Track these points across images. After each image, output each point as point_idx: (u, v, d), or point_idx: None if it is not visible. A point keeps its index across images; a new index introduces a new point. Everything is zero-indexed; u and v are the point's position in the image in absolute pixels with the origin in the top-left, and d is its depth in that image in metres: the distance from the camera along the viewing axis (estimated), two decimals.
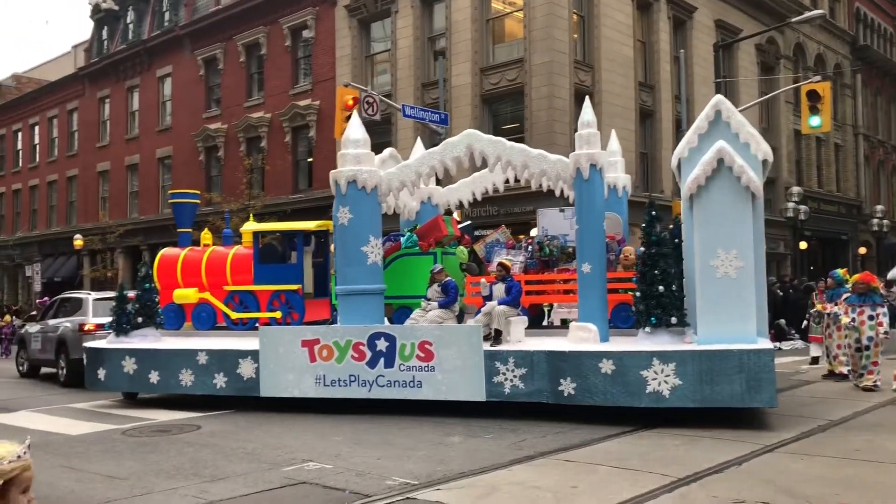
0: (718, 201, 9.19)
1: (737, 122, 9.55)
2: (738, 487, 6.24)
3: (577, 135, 10.48)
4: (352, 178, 10.71)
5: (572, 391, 9.32)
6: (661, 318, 9.40)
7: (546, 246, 12.00)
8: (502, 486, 6.46)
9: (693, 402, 8.83)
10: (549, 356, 9.49)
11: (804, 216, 30.92)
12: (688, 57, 27.56)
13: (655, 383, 8.91)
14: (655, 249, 9.55)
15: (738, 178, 9.10)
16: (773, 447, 7.78)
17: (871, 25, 44.38)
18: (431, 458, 7.61)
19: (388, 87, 27.70)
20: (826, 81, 22.20)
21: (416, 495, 6.24)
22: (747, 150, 9.44)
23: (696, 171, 9.24)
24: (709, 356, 8.80)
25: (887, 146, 44.89)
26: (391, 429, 9.18)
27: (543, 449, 7.89)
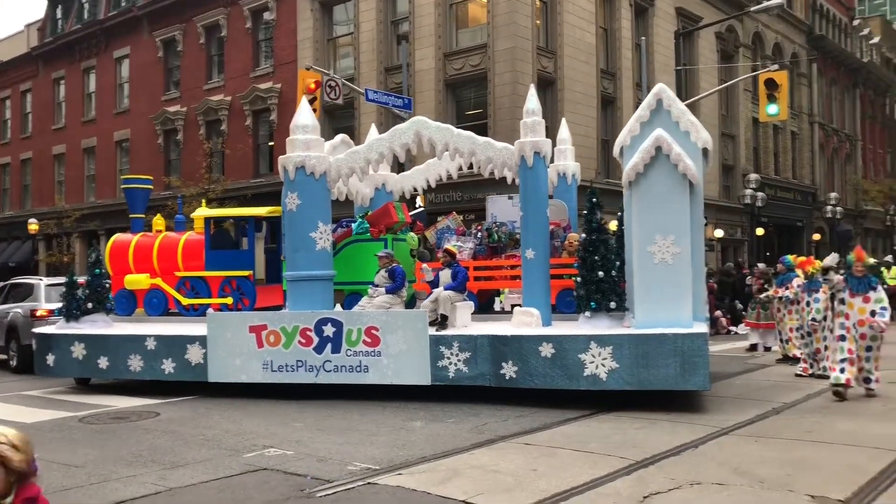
0: (656, 188, 9.32)
1: (678, 110, 9.68)
2: (695, 470, 6.38)
3: (522, 122, 10.59)
4: (300, 163, 10.65)
5: (514, 374, 9.44)
6: (601, 303, 9.58)
7: (495, 232, 12.12)
8: (463, 470, 6.51)
9: (629, 385, 9.00)
10: (491, 340, 9.61)
11: (761, 203, 31.49)
12: (649, 44, 27.83)
13: (593, 366, 9.06)
14: (596, 236, 9.71)
15: (675, 165, 9.22)
16: (728, 430, 7.95)
17: (827, 16, 45.18)
18: (393, 442, 7.63)
19: (350, 71, 27.49)
20: (783, 70, 22.58)
21: (377, 480, 6.26)
22: (687, 138, 9.58)
23: (635, 159, 9.37)
24: (645, 340, 8.96)
25: (841, 135, 45.86)
26: (353, 414, 9.19)
27: (504, 433, 7.96)
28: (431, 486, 6.05)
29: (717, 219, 33.21)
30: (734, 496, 5.66)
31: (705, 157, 9.99)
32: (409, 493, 5.92)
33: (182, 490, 6.16)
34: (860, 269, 9.47)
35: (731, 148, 35.25)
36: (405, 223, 12.77)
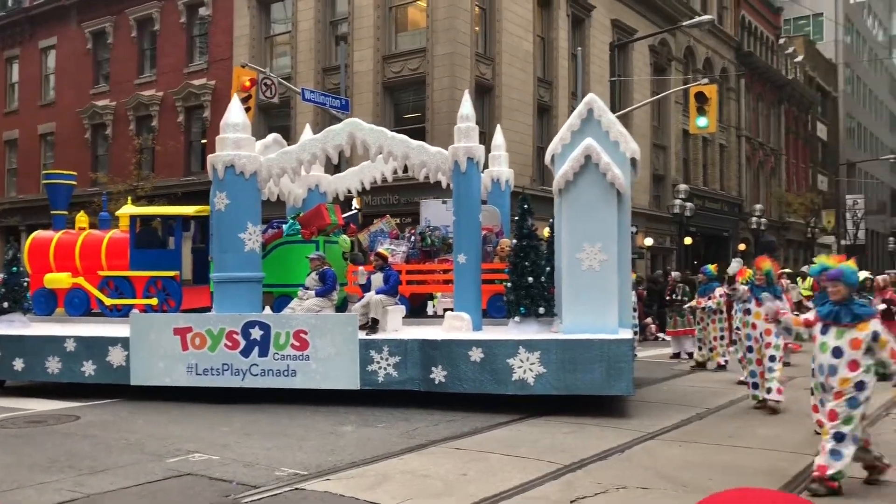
0: (585, 196, 9.50)
1: (607, 120, 9.88)
2: (621, 474, 6.48)
3: (456, 128, 10.65)
4: (230, 162, 10.46)
5: (443, 379, 9.47)
6: (530, 309, 9.71)
7: (428, 236, 12.15)
8: (393, 475, 6.47)
9: (556, 390, 9.11)
10: (422, 345, 9.62)
11: (690, 213, 32.33)
12: (585, 55, 28.30)
13: (521, 371, 9.15)
14: (526, 242, 9.84)
15: (604, 174, 9.41)
16: (654, 434, 8.11)
17: (756, 33, 46.76)
18: (323, 447, 7.54)
19: (287, 70, 27.18)
20: (713, 84, 23.25)
21: (304, 486, 6.17)
22: (616, 148, 9.79)
23: (565, 167, 9.54)
24: (571, 345, 9.11)
25: (766, 149, 47.48)
26: (282, 418, 9.04)
27: (435, 437, 7.95)
28: (360, 491, 5.99)
29: (648, 227, 33.96)
30: (658, 500, 5.77)
31: (634, 166, 10.21)
32: (337, 498, 5.85)
33: (100, 497, 5.95)
34: (760, 279, 9.67)
35: (661, 159, 36.11)
36: (337, 225, 12.67)
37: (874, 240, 64.91)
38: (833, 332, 5.95)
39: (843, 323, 5.91)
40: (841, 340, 5.90)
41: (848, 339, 5.88)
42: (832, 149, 59.16)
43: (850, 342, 5.87)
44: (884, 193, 70.99)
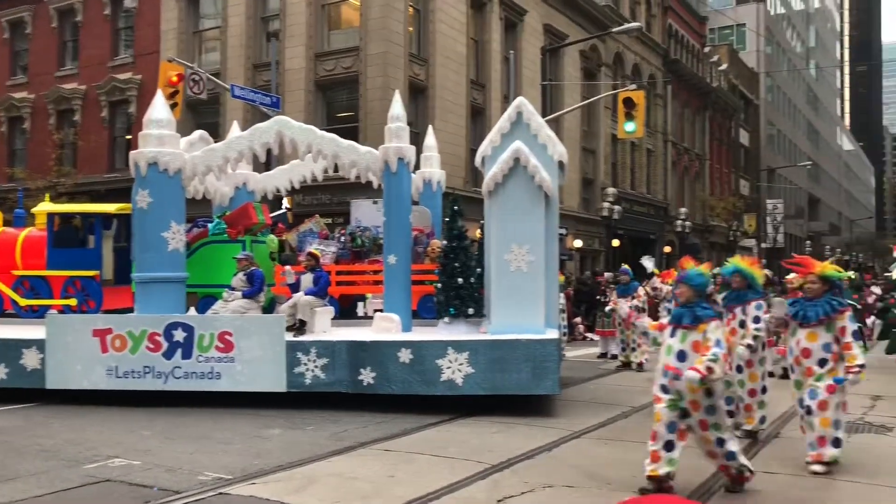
0: (514, 198, 9.60)
1: (536, 123, 10.02)
2: (548, 473, 6.56)
3: (386, 128, 10.63)
4: (153, 159, 10.20)
5: (371, 381, 9.44)
6: (460, 309, 9.77)
7: (358, 237, 12.08)
8: (320, 478, 6.40)
9: (483, 390, 9.18)
10: (350, 346, 9.56)
11: (617, 216, 33.02)
12: (517, 58, 28.56)
13: (449, 371, 9.20)
14: (457, 243, 9.91)
15: (532, 177, 9.53)
16: (580, 433, 8.24)
17: (682, 41, 48.09)
18: (248, 451, 7.40)
19: (217, 66, 26.63)
20: (641, 90, 23.78)
21: (229, 490, 6.04)
22: (545, 151, 9.93)
23: (494, 169, 9.64)
24: (499, 345, 9.20)
25: (691, 154, 48.87)
26: (207, 422, 8.83)
27: (364, 439, 7.89)
28: (286, 494, 5.90)
29: (577, 230, 34.53)
30: (583, 498, 5.86)
31: (561, 169, 10.35)
32: (262, 502, 5.75)
33: None
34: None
35: (591, 162, 36.77)
36: (265, 225, 12.45)
37: (793, 243, 67.51)
38: (678, 334, 5.84)
39: (685, 325, 5.80)
40: (685, 343, 5.78)
41: (690, 341, 5.76)
42: (754, 155, 61.29)
43: (692, 344, 5.75)
44: (801, 198, 73.93)
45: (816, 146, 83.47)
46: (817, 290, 6.71)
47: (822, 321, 6.60)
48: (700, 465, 6.73)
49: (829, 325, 6.58)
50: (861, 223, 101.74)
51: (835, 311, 6.58)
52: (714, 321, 5.79)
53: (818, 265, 6.88)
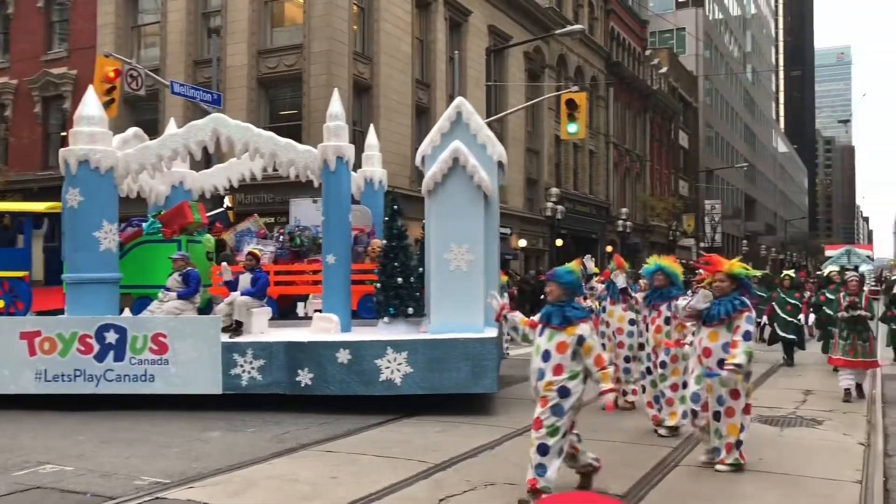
0: (453, 198, 9.65)
1: (476, 124, 10.08)
2: (490, 471, 6.59)
3: (325, 126, 10.58)
4: (84, 157, 9.93)
5: (309, 381, 9.38)
6: (399, 309, 9.77)
7: (297, 236, 11.98)
8: (260, 481, 6.32)
9: (422, 389, 9.20)
10: (287, 347, 9.48)
11: (561, 215, 33.38)
12: (462, 58, 28.69)
13: (388, 371, 9.19)
14: (396, 242, 9.91)
15: (471, 176, 9.58)
16: (522, 431, 8.26)
17: (624, 44, 48.92)
18: (187, 454, 7.26)
19: (156, 62, 26.06)
20: (583, 92, 24.10)
21: (166, 495, 5.92)
22: (484, 151, 10.00)
23: (434, 169, 9.68)
24: (438, 344, 9.23)
25: (633, 155, 49.76)
26: (144, 425, 8.64)
27: (306, 441, 7.82)
28: (224, 498, 5.81)
29: (522, 229, 34.82)
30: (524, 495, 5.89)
31: (501, 169, 10.41)
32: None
33: None
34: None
35: (535, 163, 37.12)
36: (201, 224, 12.23)
37: (730, 242, 69.28)
38: (546, 334, 5.59)
39: (554, 325, 5.56)
40: (551, 343, 5.55)
41: (556, 341, 5.53)
42: (692, 156, 62.70)
43: (557, 345, 5.52)
44: (738, 199, 75.93)
45: (753, 148, 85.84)
46: (725, 288, 6.66)
47: (722, 320, 6.57)
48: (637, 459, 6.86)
49: (729, 324, 6.56)
50: (795, 223, 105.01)
51: (735, 310, 6.54)
52: (585, 323, 5.56)
53: (726, 263, 6.83)
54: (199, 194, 13.21)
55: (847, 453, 7.34)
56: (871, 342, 10.55)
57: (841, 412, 9.49)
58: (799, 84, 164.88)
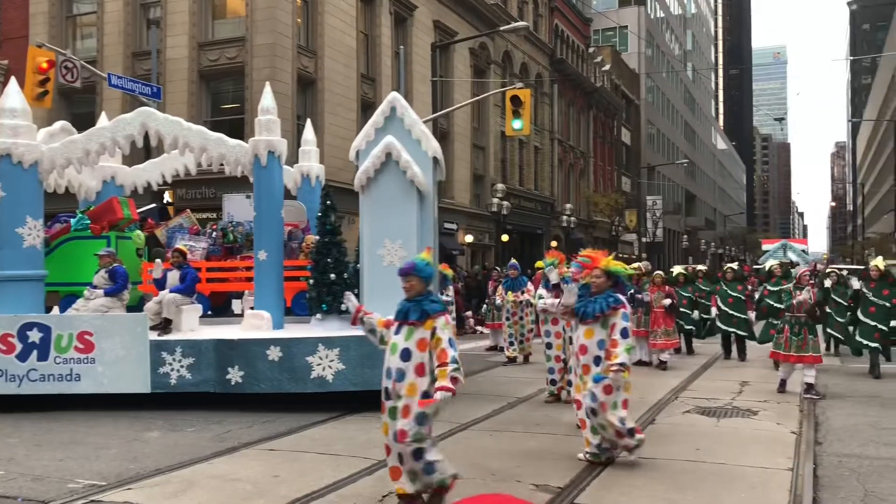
0: (386, 193, 9.64)
1: (410, 119, 10.08)
2: None
3: (257, 120, 10.49)
4: (5, 151, 9.66)
5: (240, 379, 9.28)
6: (332, 305, 9.69)
7: (230, 232, 11.83)
8: (200, 481, 6.22)
9: (354, 386, 9.12)
10: (217, 345, 9.37)
11: (507, 211, 33.63)
12: (408, 53, 28.61)
13: (320, 368, 9.13)
14: (329, 238, 9.85)
15: (404, 171, 9.56)
16: (467, 425, 8.35)
17: (568, 42, 49.43)
18: (124, 455, 7.10)
19: (93, 54, 25.37)
20: (528, 89, 24.31)
21: (102, 497, 5.78)
22: (419, 146, 9.99)
23: (366, 164, 9.66)
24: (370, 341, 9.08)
25: (577, 151, 50.36)
26: (81, 426, 8.42)
27: (248, 440, 7.72)
28: (163, 499, 5.71)
29: (468, 225, 34.96)
30: (467, 489, 5.92)
31: (437, 165, 10.39)
32: None
33: None
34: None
35: (481, 159, 37.28)
36: (131, 220, 11.97)
37: (671, 237, 70.75)
38: (404, 331, 5.20)
39: (411, 321, 5.17)
40: (410, 341, 5.15)
41: (417, 338, 5.13)
42: (635, 153, 63.79)
43: (418, 342, 5.12)
44: (679, 195, 77.54)
45: (693, 145, 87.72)
46: (601, 284, 6.60)
47: (597, 318, 6.52)
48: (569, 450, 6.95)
49: (604, 321, 6.52)
50: (734, 219, 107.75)
51: (609, 307, 6.48)
52: (442, 316, 5.17)
53: (603, 259, 6.75)
54: (131, 189, 12.91)
55: (780, 442, 7.57)
56: (818, 336, 10.60)
57: (775, 402, 9.78)
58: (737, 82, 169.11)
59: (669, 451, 7.17)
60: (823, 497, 5.80)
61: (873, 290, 12.28)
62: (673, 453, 7.06)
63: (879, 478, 6.31)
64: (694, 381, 11.64)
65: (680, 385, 11.18)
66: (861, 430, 8.14)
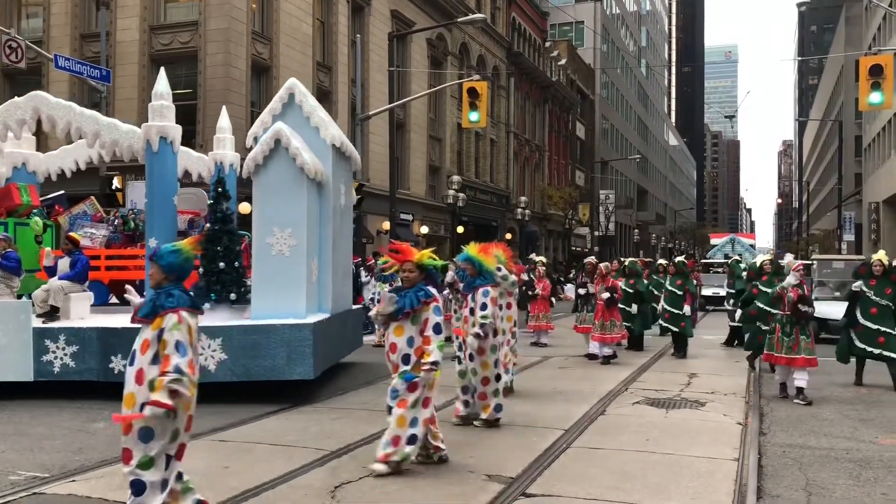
0: (275, 181, 9.51)
1: (309, 105, 10.03)
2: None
3: (150, 106, 10.39)
4: None
5: (122, 368, 9.02)
6: (221, 295, 9.60)
7: (131, 220, 11.67)
8: None
9: (236, 377, 8.98)
10: (100, 333, 9.22)
11: (462, 203, 33.64)
12: (365, 42, 28.39)
13: (202, 358, 8.95)
14: (220, 226, 9.76)
15: (293, 158, 9.44)
16: None
17: (525, 35, 49.63)
18: (69, 446, 6.94)
19: (40, 34, 24.62)
20: (485, 81, 24.31)
21: (45, 489, 5.64)
22: (317, 134, 9.96)
23: (255, 150, 9.57)
24: (253, 331, 8.98)
25: (532, 145, 50.67)
26: (23, 417, 8.20)
27: (198, 430, 7.51)
28: (109, 491, 5.59)
29: (424, 216, 34.94)
30: (419, 480, 5.94)
31: (339, 153, 10.26)
32: (83, 500, 5.43)
33: None
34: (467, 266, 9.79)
35: (437, 150, 37.26)
36: (31, 206, 11.73)
37: (622, 231, 71.68)
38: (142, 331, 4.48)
39: (142, 317, 4.43)
40: (138, 342, 4.47)
41: (141, 338, 4.44)
42: (589, 147, 64.43)
43: (141, 344, 4.42)
44: (631, 190, 78.59)
45: (645, 141, 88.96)
46: (413, 279, 6.20)
47: (407, 314, 6.06)
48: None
49: (414, 317, 6.06)
50: (684, 213, 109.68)
51: (419, 301, 6.06)
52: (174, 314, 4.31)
53: (416, 253, 6.37)
54: (44, 176, 12.67)
55: (726, 433, 7.74)
56: (811, 337, 9.66)
57: (722, 394, 9.99)
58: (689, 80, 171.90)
59: (620, 441, 7.28)
60: (767, 486, 5.95)
61: (874, 288, 10.64)
62: (623, 443, 7.17)
63: (820, 467, 6.50)
64: (644, 373, 11.83)
65: (630, 377, 11.35)
66: (803, 421, 8.37)
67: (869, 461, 6.70)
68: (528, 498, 5.57)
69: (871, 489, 5.91)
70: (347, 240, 10.99)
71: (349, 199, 11.33)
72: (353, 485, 5.78)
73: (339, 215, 10.62)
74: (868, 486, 5.97)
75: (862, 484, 6.04)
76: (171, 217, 10.26)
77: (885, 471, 6.41)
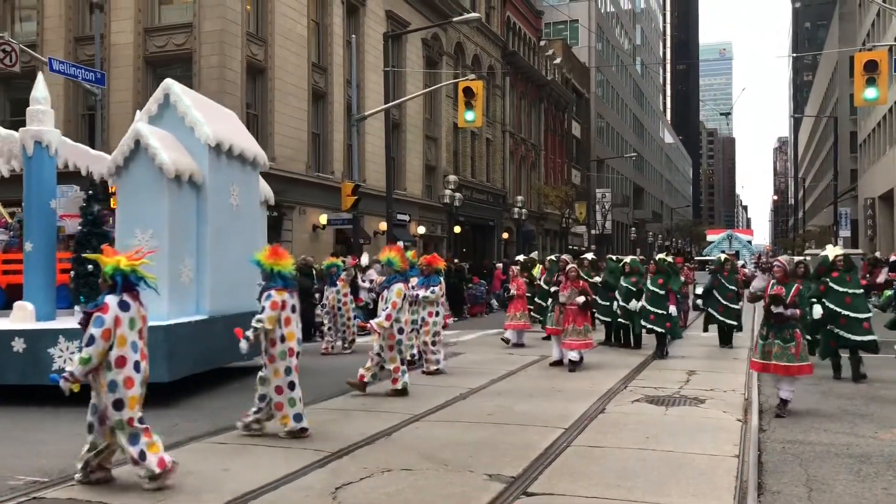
0: (136, 182, 9.52)
1: (184, 106, 9.99)
2: (386, 457, 6.58)
3: (28, 111, 10.37)
4: None
5: None
6: (90, 297, 9.59)
7: None
8: None
9: None
10: None
11: (459, 203, 33.69)
12: (360, 43, 28.40)
13: (61, 360, 8.96)
14: (89, 228, 9.78)
15: (152, 159, 9.41)
16: (419, 416, 8.34)
17: (520, 34, 49.63)
18: (68, 451, 6.87)
19: (34, 37, 24.57)
20: (480, 80, 24.30)
21: (45, 494, 5.62)
22: (192, 133, 9.92)
23: (115, 152, 9.57)
24: None
25: (528, 144, 50.68)
26: (22, 422, 8.17)
27: (195, 433, 7.59)
28: (109, 495, 5.56)
29: (421, 216, 34.93)
30: (420, 480, 5.94)
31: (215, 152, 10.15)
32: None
33: None
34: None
35: (433, 150, 37.24)
36: None
37: (619, 229, 71.76)
38: None
39: None
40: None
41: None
42: (584, 146, 64.47)
43: None
44: (627, 188, 78.67)
45: (641, 139, 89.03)
46: None
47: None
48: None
49: None
50: (680, 211, 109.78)
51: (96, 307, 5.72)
52: None
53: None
54: None
55: (726, 430, 7.73)
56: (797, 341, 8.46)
57: (721, 391, 9.98)
58: (684, 77, 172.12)
59: (620, 439, 7.27)
60: (768, 482, 5.95)
61: (836, 280, 10.80)
62: (623, 441, 7.17)
63: (821, 463, 6.50)
64: (643, 371, 11.82)
65: (629, 374, 11.34)
66: (803, 417, 8.36)
67: (869, 456, 6.70)
68: (530, 497, 5.56)
69: (871, 484, 5.92)
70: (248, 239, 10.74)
71: (251, 197, 11.22)
72: (354, 486, 5.76)
73: (230, 215, 10.50)
74: (869, 481, 5.98)
75: (862, 479, 6.04)
76: (48, 220, 10.25)
77: (886, 466, 6.41)
